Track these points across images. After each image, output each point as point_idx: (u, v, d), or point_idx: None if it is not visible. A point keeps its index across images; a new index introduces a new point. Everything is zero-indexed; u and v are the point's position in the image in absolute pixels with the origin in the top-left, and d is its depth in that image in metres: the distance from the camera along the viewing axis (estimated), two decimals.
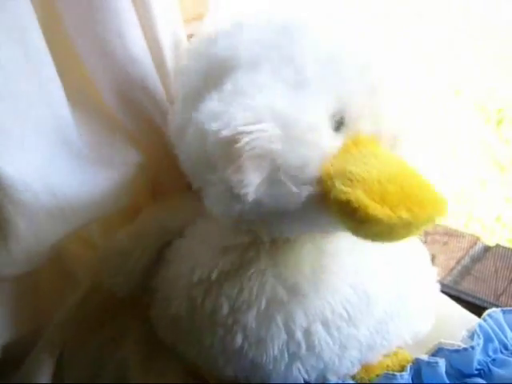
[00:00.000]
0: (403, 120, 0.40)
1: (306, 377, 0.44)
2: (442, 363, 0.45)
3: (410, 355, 0.48)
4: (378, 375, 0.46)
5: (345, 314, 0.42)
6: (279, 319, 0.41)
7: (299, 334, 0.41)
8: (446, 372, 0.46)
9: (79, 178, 0.45)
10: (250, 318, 0.41)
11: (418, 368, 0.46)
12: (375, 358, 0.46)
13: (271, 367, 0.43)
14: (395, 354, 0.48)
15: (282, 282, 0.41)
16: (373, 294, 0.43)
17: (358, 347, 0.44)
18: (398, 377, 0.45)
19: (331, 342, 0.42)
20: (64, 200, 0.44)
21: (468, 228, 1.00)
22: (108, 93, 0.48)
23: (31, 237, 0.44)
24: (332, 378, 0.45)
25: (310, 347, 0.42)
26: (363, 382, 0.46)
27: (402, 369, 0.46)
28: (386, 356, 0.48)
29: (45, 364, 0.49)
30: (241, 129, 0.34)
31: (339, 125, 0.37)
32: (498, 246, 0.69)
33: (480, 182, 1.10)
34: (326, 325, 0.42)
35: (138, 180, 0.50)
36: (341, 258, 0.43)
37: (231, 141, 0.34)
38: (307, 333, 0.41)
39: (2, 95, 0.41)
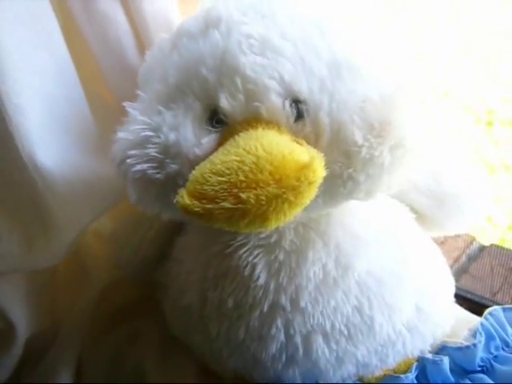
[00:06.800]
0: (289, 89, 0.38)
1: (301, 379, 0.45)
2: (446, 360, 0.46)
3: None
4: (384, 374, 0.47)
5: (345, 332, 0.42)
6: (280, 322, 0.42)
7: (298, 339, 0.42)
8: (450, 369, 0.47)
9: (101, 164, 0.48)
10: (253, 318, 0.43)
11: (422, 366, 0.47)
12: (370, 375, 0.47)
13: (269, 365, 0.44)
14: None
15: (283, 291, 0.42)
16: (378, 322, 0.43)
17: (354, 363, 0.45)
18: (403, 378, 0.46)
19: (328, 353, 0.43)
20: (93, 187, 0.48)
21: None
22: (120, 93, 0.52)
23: (66, 225, 0.47)
24: None
25: (308, 353, 0.43)
26: (369, 381, 0.47)
27: (408, 368, 0.47)
28: None
29: (65, 362, 0.50)
30: (117, 160, 0.40)
31: (215, 121, 0.39)
32: (492, 245, 0.70)
33: None
34: (325, 336, 0.42)
35: None
36: (345, 279, 0.42)
37: (117, 171, 0.41)
38: (306, 339, 0.43)
39: (38, 94, 0.44)
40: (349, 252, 0.42)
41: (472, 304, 0.59)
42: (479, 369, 0.47)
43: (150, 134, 0.39)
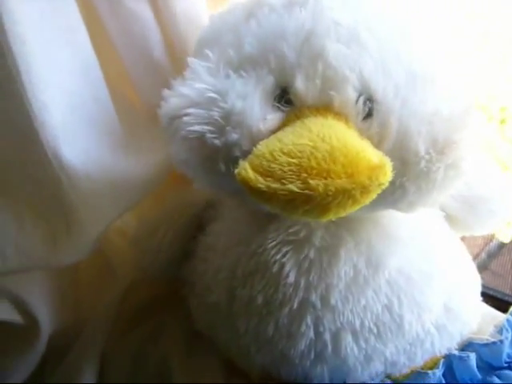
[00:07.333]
0: (366, 85, 0.37)
1: (328, 376, 0.44)
2: (472, 357, 0.46)
3: None
4: (411, 371, 0.46)
5: (374, 330, 0.42)
6: (309, 320, 0.42)
7: (327, 336, 0.42)
8: (477, 365, 0.46)
9: (125, 163, 0.49)
10: (283, 314, 0.42)
11: (449, 363, 0.47)
12: (398, 373, 0.46)
13: (297, 361, 0.43)
14: None
15: (314, 289, 0.41)
16: (408, 320, 0.42)
17: (382, 361, 0.44)
18: (430, 374, 0.46)
19: (357, 351, 0.42)
20: (116, 185, 0.48)
21: None
22: (144, 97, 0.52)
23: (89, 222, 0.47)
24: None
25: (336, 350, 0.42)
26: (397, 379, 0.46)
27: (434, 365, 0.47)
28: None
29: (85, 363, 0.50)
30: (172, 113, 0.39)
31: (283, 100, 0.38)
32: None
33: None
34: (354, 334, 0.42)
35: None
36: (375, 278, 0.42)
37: (167, 125, 0.39)
38: (335, 336, 0.42)
39: (61, 92, 0.44)
40: (380, 251, 0.42)
41: (495, 301, 0.59)
42: (506, 365, 0.47)
43: (216, 96, 0.37)
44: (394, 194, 0.37)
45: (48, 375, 0.52)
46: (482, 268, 0.67)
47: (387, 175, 0.33)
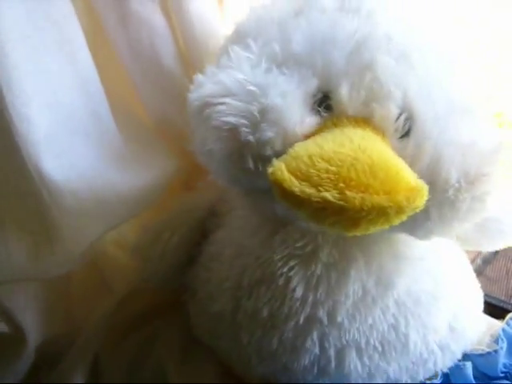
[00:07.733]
0: (408, 105, 0.37)
1: None
2: (469, 365, 0.47)
3: None
4: None
5: (379, 348, 0.42)
6: (315, 335, 0.41)
7: (332, 352, 0.42)
8: (473, 376, 0.47)
9: (119, 179, 0.47)
10: (288, 328, 0.42)
11: (446, 372, 0.47)
12: None
13: (300, 375, 0.44)
14: None
15: (321, 305, 0.41)
16: (413, 340, 0.43)
17: (384, 378, 0.44)
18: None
19: (360, 368, 0.42)
20: (104, 202, 0.46)
21: None
22: (149, 106, 0.50)
23: (72, 238, 0.46)
24: None
25: (340, 366, 0.42)
26: None
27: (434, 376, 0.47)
28: None
29: (78, 369, 0.50)
30: (206, 100, 0.37)
31: (323, 105, 0.37)
32: (507, 248, 0.70)
33: None
34: (359, 351, 0.42)
35: (173, 182, 0.52)
36: (384, 298, 0.41)
37: (198, 111, 0.37)
38: (339, 353, 0.42)
39: (51, 103, 0.42)
40: (391, 271, 0.41)
41: (490, 307, 0.59)
42: (502, 375, 0.48)
43: (257, 90, 0.36)
44: (416, 219, 0.35)
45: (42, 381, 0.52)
46: (477, 273, 0.66)
47: (423, 199, 0.32)
